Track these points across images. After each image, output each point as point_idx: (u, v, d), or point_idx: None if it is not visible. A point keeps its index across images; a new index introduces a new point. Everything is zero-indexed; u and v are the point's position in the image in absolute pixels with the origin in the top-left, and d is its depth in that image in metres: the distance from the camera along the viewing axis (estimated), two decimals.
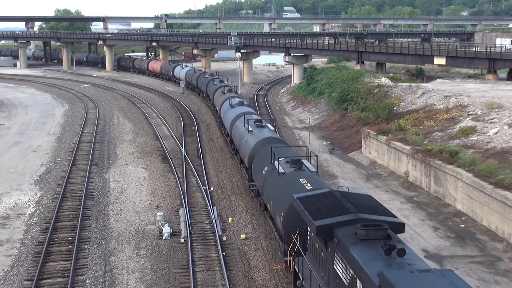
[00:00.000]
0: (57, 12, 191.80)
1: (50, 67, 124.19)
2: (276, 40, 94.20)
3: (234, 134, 34.10)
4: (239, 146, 31.78)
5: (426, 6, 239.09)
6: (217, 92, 51.84)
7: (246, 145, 29.21)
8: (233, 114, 36.99)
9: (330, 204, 15.40)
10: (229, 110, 39.07)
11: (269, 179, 22.65)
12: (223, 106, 42.53)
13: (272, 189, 21.75)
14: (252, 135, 29.33)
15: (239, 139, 31.49)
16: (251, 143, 28.35)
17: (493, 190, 23.85)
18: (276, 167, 22.30)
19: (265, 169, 23.74)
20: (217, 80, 58.14)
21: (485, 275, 20.49)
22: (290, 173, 21.47)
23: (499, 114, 34.02)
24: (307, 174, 21.12)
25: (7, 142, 45.10)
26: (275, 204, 20.76)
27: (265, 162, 24.20)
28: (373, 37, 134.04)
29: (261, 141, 27.63)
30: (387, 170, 34.62)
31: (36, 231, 25.16)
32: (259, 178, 24.47)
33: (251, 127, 30.26)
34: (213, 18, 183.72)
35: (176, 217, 26.68)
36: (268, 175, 22.96)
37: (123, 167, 36.14)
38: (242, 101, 40.41)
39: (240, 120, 33.83)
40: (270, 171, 22.94)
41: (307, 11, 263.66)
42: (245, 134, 30.25)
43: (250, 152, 27.73)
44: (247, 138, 29.64)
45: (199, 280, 20.23)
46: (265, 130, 29.84)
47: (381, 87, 49.75)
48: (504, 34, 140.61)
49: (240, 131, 32.00)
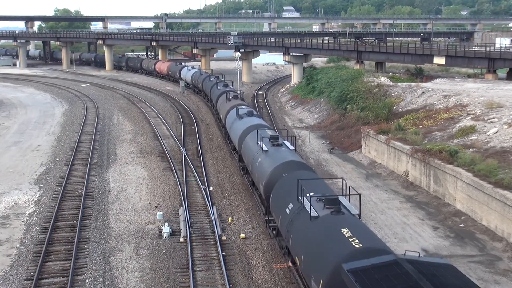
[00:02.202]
0: (57, 12, 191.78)
1: (50, 67, 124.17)
2: (276, 39, 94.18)
3: (245, 152, 29.33)
4: (251, 168, 26.92)
5: (425, 5, 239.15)
6: (220, 98, 46.53)
7: (261, 169, 24.48)
8: (241, 126, 32.61)
9: (400, 284, 11.25)
10: (237, 121, 34.51)
11: (296, 222, 17.86)
12: (229, 116, 37.86)
13: (302, 239, 16.87)
14: (268, 157, 24.50)
15: (251, 160, 26.74)
16: (267, 167, 23.55)
17: (492, 189, 23.86)
18: (305, 207, 17.63)
19: (289, 206, 19.01)
20: (221, 84, 51.96)
21: (485, 274, 20.51)
22: (326, 217, 16.41)
23: (499, 114, 34.03)
24: (349, 220, 16.09)
25: (6, 141, 45.09)
26: (308, 262, 15.87)
27: (289, 197, 19.49)
28: (373, 36, 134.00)
29: (281, 166, 22.82)
30: (386, 170, 34.64)
31: (36, 230, 25.16)
32: (281, 217, 19.63)
33: (266, 145, 25.52)
34: (213, 18, 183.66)
35: (176, 216, 26.68)
36: (294, 217, 18.18)
37: (123, 166, 36.14)
38: (251, 111, 35.50)
39: (251, 136, 29.13)
40: (297, 211, 18.18)
41: (307, 11, 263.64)
42: (259, 155, 25.52)
43: (267, 179, 22.92)
44: (261, 160, 24.88)
45: (198, 279, 20.23)
46: (283, 151, 24.88)
47: (380, 87, 49.76)
48: (504, 33, 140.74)
49: (252, 150, 27.41)
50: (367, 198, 29.43)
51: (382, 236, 23.61)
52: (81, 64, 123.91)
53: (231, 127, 35.79)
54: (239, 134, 31.65)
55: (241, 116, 34.46)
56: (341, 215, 16.30)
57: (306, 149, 40.66)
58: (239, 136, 31.72)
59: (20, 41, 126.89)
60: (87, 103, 64.48)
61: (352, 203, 18.35)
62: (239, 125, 33.19)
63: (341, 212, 16.47)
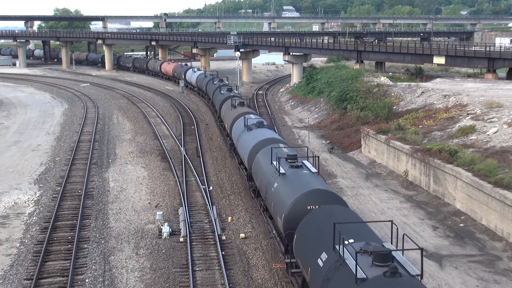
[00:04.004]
0: (56, 12, 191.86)
1: (50, 66, 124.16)
2: (276, 39, 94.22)
3: (256, 172, 25.00)
4: (265, 193, 22.42)
5: (425, 5, 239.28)
6: (225, 104, 42.05)
7: (278, 198, 20.13)
8: (251, 140, 28.33)
9: None
10: (245, 133, 30.40)
11: (335, 282, 13.44)
12: (236, 126, 33.74)
13: None
14: (286, 183, 20.22)
15: (265, 183, 22.50)
16: (287, 197, 19.18)
17: (492, 189, 23.87)
18: (347, 263, 13.35)
19: (322, 257, 14.71)
20: (225, 88, 47.76)
21: (485, 274, 20.51)
22: (378, 281, 12.26)
23: (499, 113, 34.04)
24: (408, 286, 12.26)
25: (6, 141, 45.08)
26: None
27: (321, 243, 15.30)
28: (373, 36, 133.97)
29: (305, 196, 18.35)
30: (386, 169, 34.64)
31: (36, 230, 25.16)
32: (311, 269, 15.24)
33: (283, 167, 21.44)
34: (213, 17, 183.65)
35: (176, 216, 26.68)
36: (331, 273, 13.76)
37: (123, 166, 36.14)
38: (261, 122, 31.16)
39: (264, 153, 24.87)
40: (335, 266, 13.80)
41: (307, 10, 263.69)
42: (275, 178, 21.39)
43: (287, 213, 18.52)
44: (278, 185, 20.69)
45: (198, 279, 20.23)
46: (305, 175, 20.69)
47: (380, 86, 49.77)
48: (504, 33, 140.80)
49: (266, 171, 23.08)
50: (366, 197, 29.48)
51: (382, 236, 23.61)
52: (88, 65, 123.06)
53: (238, 140, 31.45)
54: (249, 150, 27.49)
55: (250, 127, 30.41)
56: (398, 278, 12.18)
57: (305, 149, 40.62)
58: (248, 152, 27.40)
59: (19, 41, 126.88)
60: (87, 103, 64.48)
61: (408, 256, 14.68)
62: (248, 139, 28.99)
63: (397, 273, 12.26)
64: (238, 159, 32.84)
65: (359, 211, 26.79)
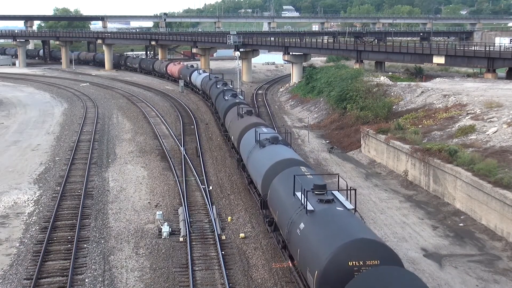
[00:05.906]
0: (56, 11, 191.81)
1: (49, 66, 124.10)
2: (275, 39, 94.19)
3: (274, 203, 20.82)
4: (288, 235, 18.17)
5: (425, 5, 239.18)
6: (230, 113, 38.51)
7: (308, 246, 15.99)
8: (265, 160, 24.25)
9: None
10: (257, 150, 26.37)
11: None
12: (245, 140, 29.68)
13: None
14: (317, 226, 16.21)
15: (287, 221, 18.42)
16: (320, 249, 15.07)
17: (492, 189, 23.88)
18: None
19: None
20: (230, 94, 43.79)
21: (484, 274, 20.52)
22: None
23: (498, 113, 34.04)
24: None
25: (6, 141, 45.07)
26: None
27: None
28: (372, 36, 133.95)
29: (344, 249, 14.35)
30: (386, 169, 34.64)
31: (35, 230, 25.15)
32: None
33: (311, 201, 17.41)
34: (212, 17, 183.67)
35: (175, 216, 26.67)
36: None
37: (122, 166, 36.13)
38: (276, 137, 26.84)
39: (282, 179, 21.02)
40: None
41: (306, 10, 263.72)
42: (301, 217, 17.28)
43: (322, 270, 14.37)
44: (306, 228, 16.63)
45: (198, 279, 20.23)
46: (341, 214, 16.58)
47: (380, 86, 49.76)
48: (503, 33, 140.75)
49: (287, 206, 19.01)
50: (366, 197, 29.46)
51: (382, 236, 23.63)
52: (94, 65, 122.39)
53: (249, 158, 27.24)
54: (263, 172, 23.33)
55: (263, 143, 26.35)
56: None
57: (305, 149, 40.67)
58: (263, 176, 23.25)
59: (19, 41, 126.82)
60: (86, 103, 64.46)
61: None
62: (262, 158, 24.93)
63: None
64: (248, 179, 28.95)
65: (359, 211, 26.74)
